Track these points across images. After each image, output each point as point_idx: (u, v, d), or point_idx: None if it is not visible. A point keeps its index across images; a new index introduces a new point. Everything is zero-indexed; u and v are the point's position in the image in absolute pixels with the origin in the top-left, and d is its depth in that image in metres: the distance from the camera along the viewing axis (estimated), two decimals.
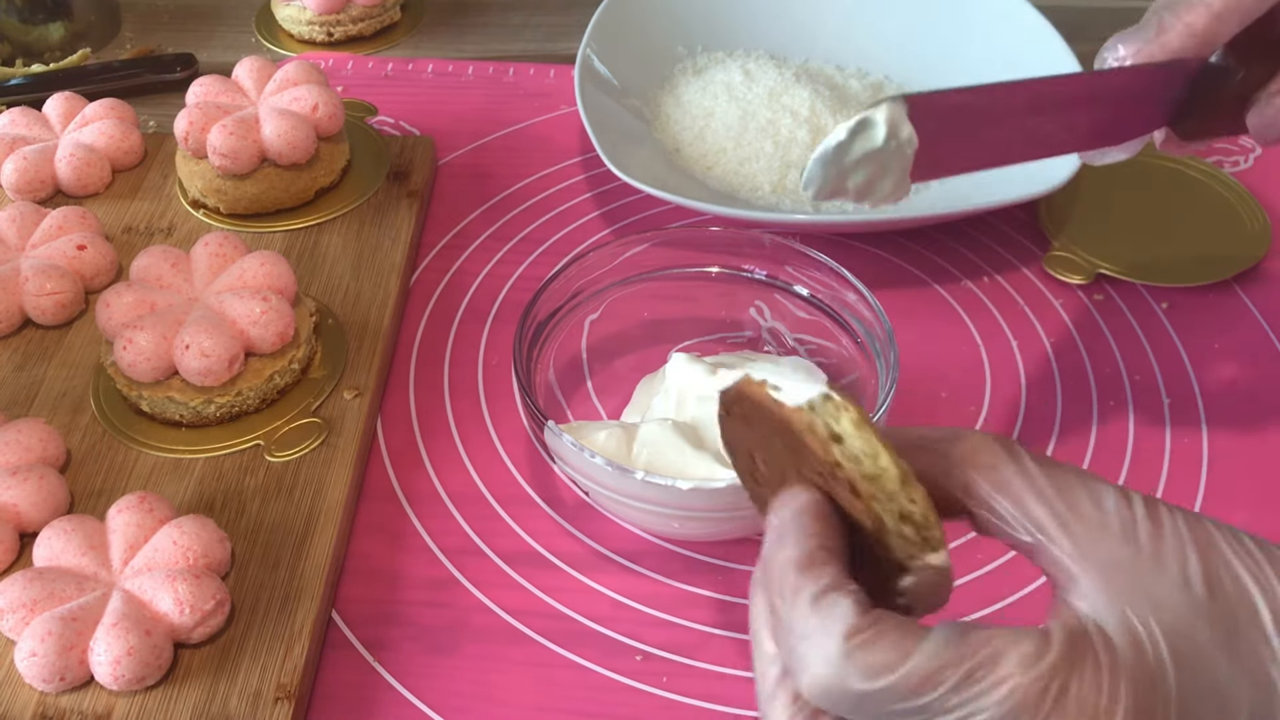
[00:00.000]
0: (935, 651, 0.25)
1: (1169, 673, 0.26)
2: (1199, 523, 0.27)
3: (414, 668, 0.42)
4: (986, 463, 0.28)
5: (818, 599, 0.26)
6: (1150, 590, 0.26)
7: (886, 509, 0.27)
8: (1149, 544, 0.27)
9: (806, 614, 0.26)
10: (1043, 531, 0.27)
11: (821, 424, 0.27)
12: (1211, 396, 0.52)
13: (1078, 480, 0.28)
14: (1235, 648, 0.26)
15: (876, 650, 0.25)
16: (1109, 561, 0.27)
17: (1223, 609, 0.26)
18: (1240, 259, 0.57)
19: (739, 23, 0.70)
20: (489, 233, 0.61)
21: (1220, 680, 0.26)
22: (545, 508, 0.47)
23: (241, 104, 0.60)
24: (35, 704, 0.39)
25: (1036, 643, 0.25)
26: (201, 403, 0.48)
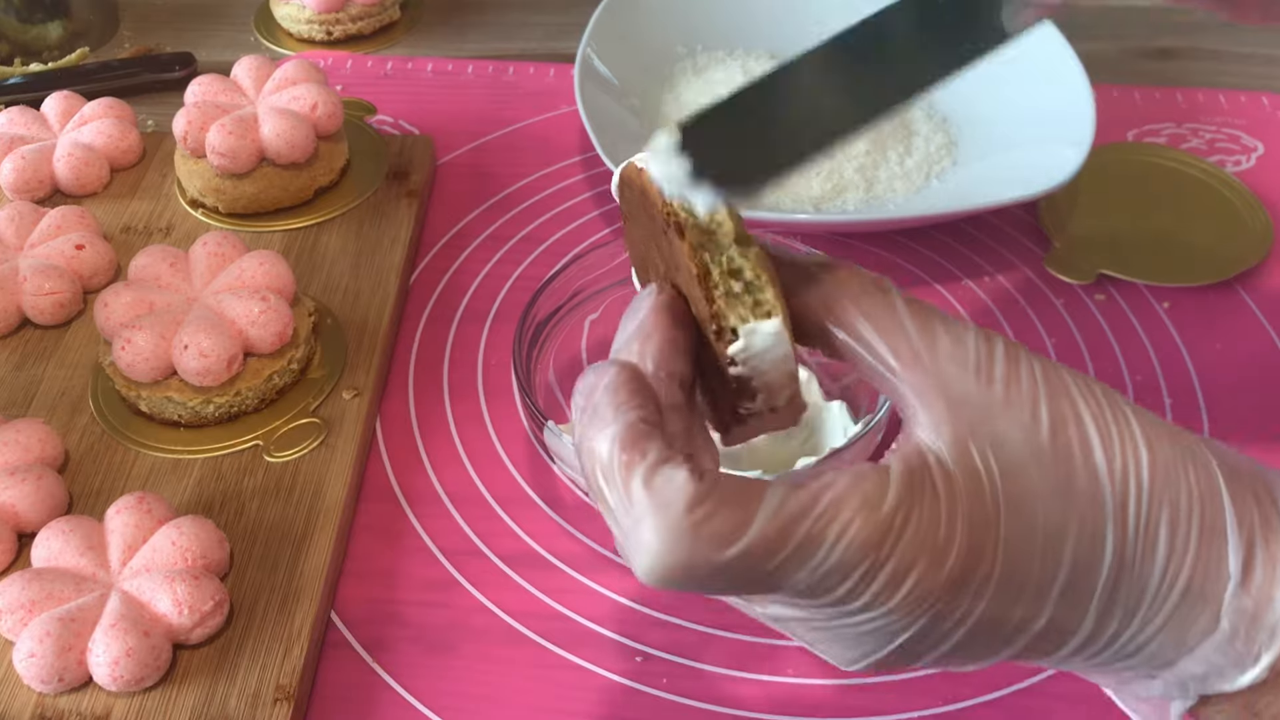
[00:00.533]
0: (778, 507, 0.25)
1: (1001, 510, 0.26)
2: (1055, 370, 0.27)
3: (413, 668, 0.42)
4: (854, 290, 0.28)
5: (649, 476, 0.25)
6: (995, 426, 0.26)
7: (716, 261, 0.26)
8: (1001, 382, 0.27)
9: (640, 495, 0.25)
10: (898, 358, 0.27)
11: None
12: (1213, 396, 0.52)
13: (940, 319, 0.28)
14: (1069, 493, 0.26)
15: (718, 519, 0.24)
16: (958, 395, 0.26)
17: (1063, 453, 0.26)
18: (1242, 259, 0.57)
19: (739, 22, 0.70)
20: (488, 232, 0.61)
21: (1049, 523, 0.26)
22: (545, 508, 0.47)
23: (240, 103, 0.60)
24: (34, 705, 0.39)
25: (877, 481, 0.25)
26: (200, 403, 0.47)
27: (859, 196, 0.60)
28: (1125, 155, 0.64)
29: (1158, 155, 0.64)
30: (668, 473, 0.25)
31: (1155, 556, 0.26)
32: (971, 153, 0.63)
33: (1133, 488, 0.26)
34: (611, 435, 0.26)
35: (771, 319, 0.26)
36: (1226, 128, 0.67)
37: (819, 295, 0.28)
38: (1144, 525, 0.26)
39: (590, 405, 0.27)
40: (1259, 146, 0.66)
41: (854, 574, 0.25)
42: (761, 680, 0.41)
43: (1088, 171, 0.56)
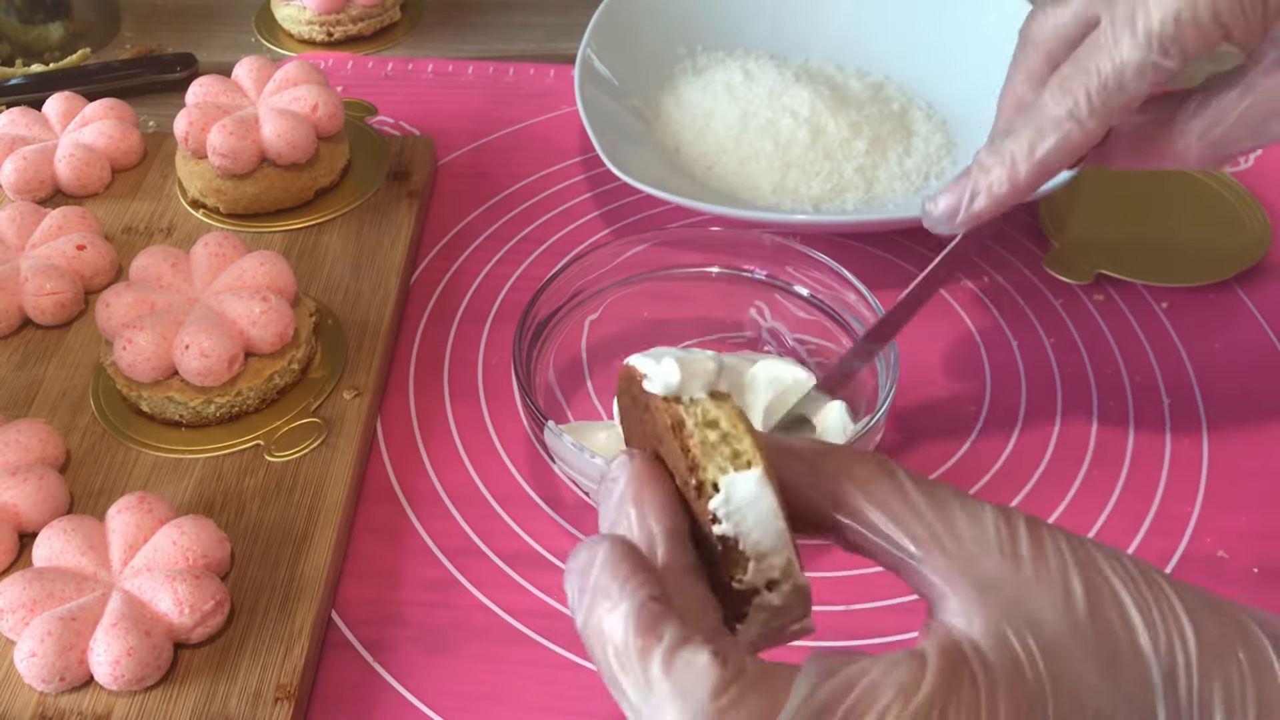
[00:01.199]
0: (808, 695, 0.23)
1: (1047, 692, 0.24)
2: (1081, 544, 0.26)
3: (414, 668, 0.42)
4: (861, 475, 0.27)
5: (668, 661, 0.24)
6: (1029, 608, 0.25)
7: (690, 412, 0.26)
8: (1029, 562, 0.25)
9: (660, 682, 0.23)
10: (918, 545, 0.26)
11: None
12: (1212, 396, 0.52)
13: (955, 498, 0.26)
14: (1116, 672, 0.25)
15: (746, 707, 0.23)
16: (985, 579, 0.25)
17: (1104, 632, 0.25)
18: (1240, 259, 0.57)
19: (739, 22, 0.70)
20: (489, 233, 0.61)
21: (1099, 703, 0.25)
22: (545, 508, 0.47)
23: (241, 104, 0.60)
24: (35, 704, 0.39)
25: (912, 670, 0.24)
26: (201, 403, 0.48)
27: (859, 196, 0.60)
28: None
29: None
30: (688, 656, 0.23)
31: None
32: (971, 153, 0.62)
33: (1181, 665, 0.25)
34: (624, 615, 0.24)
35: (752, 469, 0.25)
36: None
37: (823, 487, 0.27)
38: (1196, 704, 0.25)
39: (590, 585, 0.25)
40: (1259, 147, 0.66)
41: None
42: None
43: (1086, 171, 0.56)
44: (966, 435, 0.50)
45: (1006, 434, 0.50)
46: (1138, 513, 0.47)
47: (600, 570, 0.25)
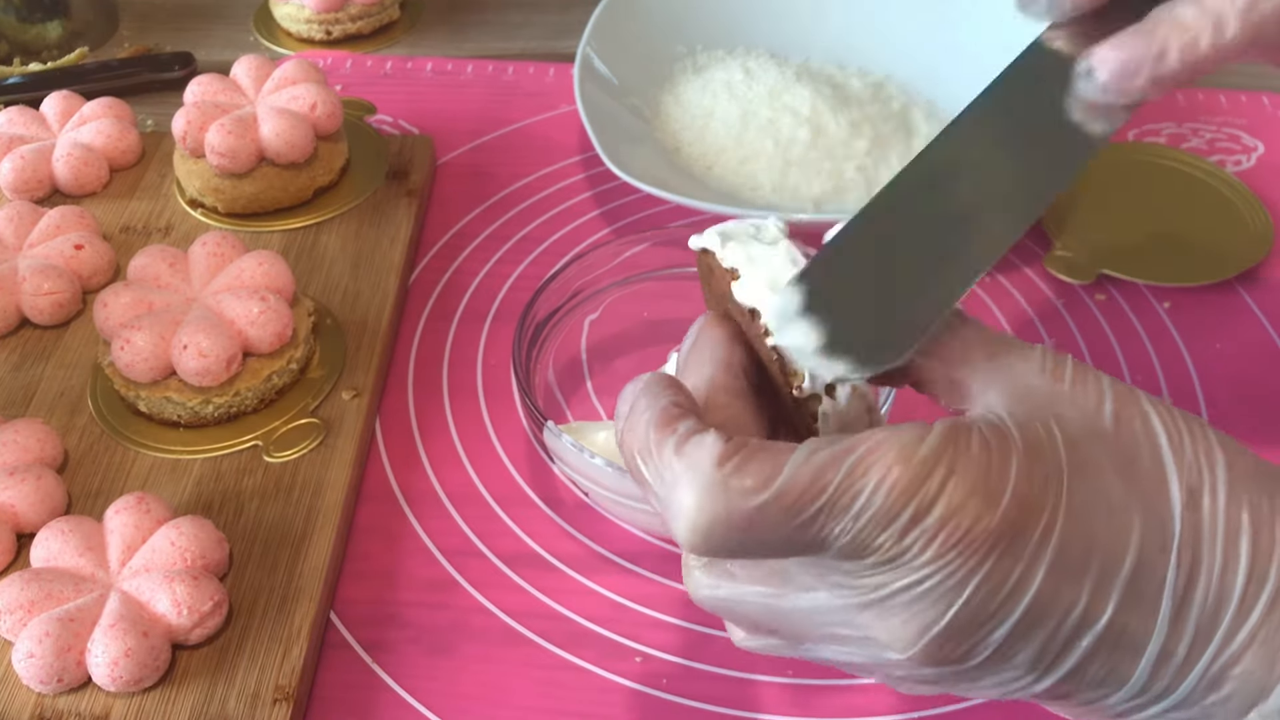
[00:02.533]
0: (808, 458, 0.25)
1: (1064, 469, 0.25)
2: (1128, 387, 0.27)
3: (413, 669, 0.42)
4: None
5: (680, 445, 0.26)
6: (1058, 409, 0.26)
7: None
8: (1069, 381, 0.27)
9: (672, 461, 0.25)
10: (967, 359, 0.27)
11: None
12: (1214, 396, 0.52)
13: (1011, 339, 0.28)
14: (1133, 474, 0.25)
15: (748, 470, 0.25)
16: (1021, 385, 0.27)
17: (1126, 441, 0.26)
18: (1242, 258, 0.57)
19: (739, 21, 0.70)
20: (488, 232, 0.61)
21: (1111, 493, 0.25)
22: (545, 508, 0.47)
23: (240, 103, 0.59)
24: (33, 705, 0.39)
25: (914, 433, 0.25)
26: (199, 403, 0.47)
27: (859, 196, 0.60)
28: (1125, 155, 0.64)
29: (1158, 155, 0.64)
30: (698, 439, 0.25)
31: (1238, 560, 0.25)
32: None
33: (1206, 482, 0.25)
34: (647, 419, 0.27)
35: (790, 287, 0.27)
36: (1227, 127, 0.67)
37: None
38: (1221, 523, 0.25)
39: (628, 408, 0.28)
40: (1259, 146, 0.66)
41: (898, 521, 0.24)
42: (761, 681, 0.41)
43: (1088, 171, 0.56)
44: None
45: None
46: None
47: (638, 393, 0.28)
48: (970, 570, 0.24)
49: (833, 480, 0.24)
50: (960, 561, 0.24)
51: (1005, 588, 0.24)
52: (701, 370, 0.29)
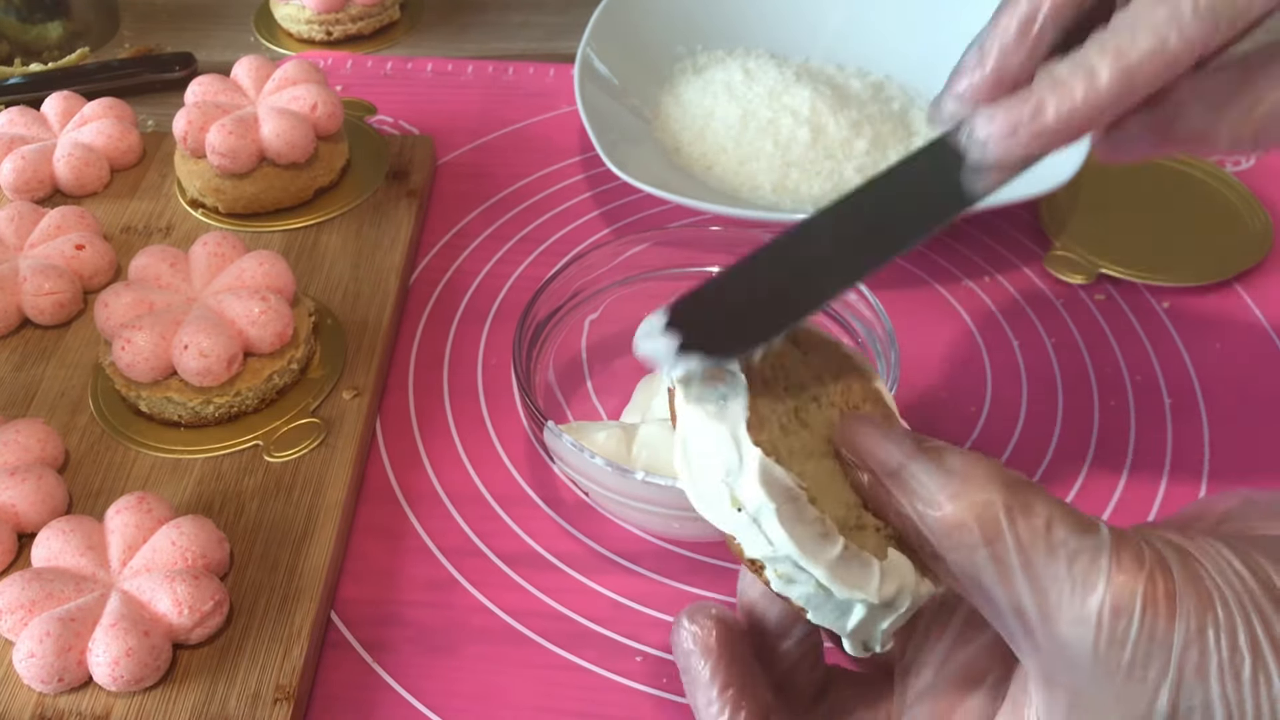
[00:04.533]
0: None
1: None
2: (1199, 624, 0.24)
3: (413, 668, 0.42)
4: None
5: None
6: (1099, 709, 0.25)
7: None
8: (1123, 670, 0.24)
9: None
10: (1016, 616, 0.25)
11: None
12: (1213, 396, 0.52)
13: (1067, 552, 0.25)
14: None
15: None
16: (1064, 674, 0.25)
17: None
18: (1242, 258, 0.57)
19: (739, 22, 0.70)
20: (488, 232, 0.61)
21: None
22: (545, 508, 0.47)
23: (240, 103, 0.60)
24: (34, 705, 0.39)
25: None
26: (200, 403, 0.47)
27: None
28: None
29: None
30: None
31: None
32: None
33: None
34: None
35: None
36: None
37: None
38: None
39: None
40: None
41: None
42: None
43: (1088, 171, 0.56)
44: (967, 435, 0.50)
45: (1007, 434, 0.50)
46: (1139, 513, 0.47)
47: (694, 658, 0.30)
48: None
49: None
50: None
51: None
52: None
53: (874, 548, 0.28)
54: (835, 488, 0.28)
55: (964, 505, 0.25)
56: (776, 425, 0.29)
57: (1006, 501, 0.25)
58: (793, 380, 0.30)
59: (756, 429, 0.28)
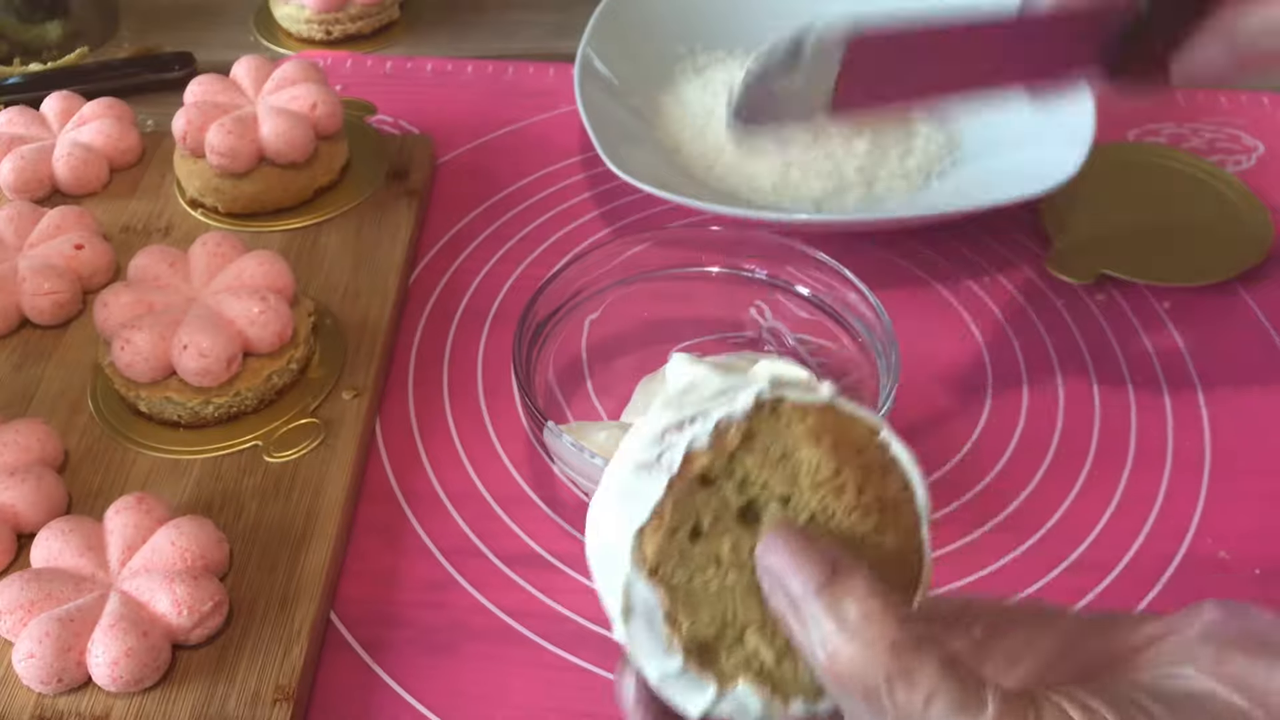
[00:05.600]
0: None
1: None
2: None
3: (413, 669, 0.42)
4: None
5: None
6: None
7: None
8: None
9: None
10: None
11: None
12: (1214, 397, 0.52)
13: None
14: None
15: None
16: None
17: None
18: (1242, 259, 0.57)
19: (739, 21, 0.70)
20: (488, 232, 0.61)
21: None
22: (545, 508, 0.47)
23: (240, 103, 0.59)
24: (33, 705, 0.39)
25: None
26: (199, 403, 0.47)
27: (859, 196, 0.60)
28: (1125, 155, 0.64)
29: (1158, 155, 0.64)
30: None
31: None
32: (972, 152, 0.63)
33: None
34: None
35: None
36: (1227, 127, 0.67)
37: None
38: None
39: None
40: (1259, 146, 0.66)
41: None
42: None
43: (1088, 171, 0.56)
44: (968, 435, 0.50)
45: (1008, 434, 0.50)
46: (1140, 513, 0.47)
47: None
48: None
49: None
50: None
51: None
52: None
53: (732, 669, 0.27)
54: (726, 603, 0.28)
55: (848, 661, 0.25)
56: (688, 529, 0.27)
57: (889, 668, 0.25)
58: (763, 479, 0.28)
59: (650, 536, 0.27)
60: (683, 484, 0.28)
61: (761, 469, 0.28)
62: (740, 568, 0.28)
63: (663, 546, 0.27)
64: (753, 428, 0.29)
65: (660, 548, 0.27)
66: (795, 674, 0.27)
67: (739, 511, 0.28)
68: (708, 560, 0.28)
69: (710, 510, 0.28)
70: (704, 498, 0.28)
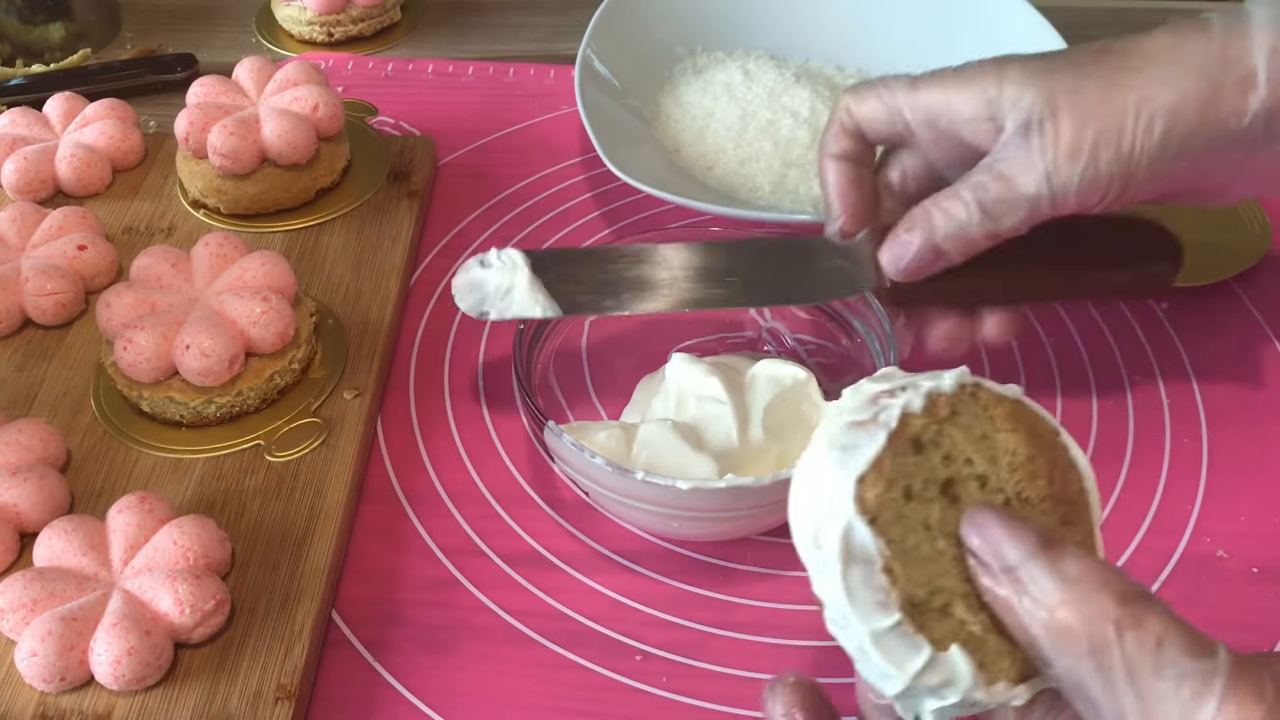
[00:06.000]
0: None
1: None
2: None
3: (414, 668, 0.42)
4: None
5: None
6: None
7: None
8: None
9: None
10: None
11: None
12: (1211, 397, 0.52)
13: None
14: None
15: None
16: None
17: None
18: (1240, 259, 0.57)
19: (739, 23, 0.70)
20: (489, 233, 0.61)
21: None
22: (545, 508, 0.47)
23: (242, 104, 0.60)
24: (35, 704, 0.39)
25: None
26: (202, 403, 0.48)
27: None
28: None
29: None
30: None
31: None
32: None
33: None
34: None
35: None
36: None
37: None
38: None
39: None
40: None
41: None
42: (762, 679, 0.41)
43: None
44: None
45: None
46: (1138, 512, 0.47)
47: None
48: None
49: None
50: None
51: None
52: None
53: (940, 637, 0.27)
54: (936, 569, 0.28)
55: (1074, 613, 0.25)
56: (901, 489, 0.28)
57: (1118, 614, 0.25)
58: (967, 453, 0.29)
59: (871, 485, 0.28)
60: (899, 443, 0.28)
61: (966, 443, 0.29)
62: (948, 537, 0.28)
63: (882, 497, 0.28)
64: (957, 405, 0.29)
65: (880, 497, 0.28)
66: (1000, 653, 0.28)
67: (943, 485, 0.29)
68: (919, 522, 0.28)
69: (921, 475, 0.28)
70: (916, 462, 0.28)
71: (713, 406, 0.44)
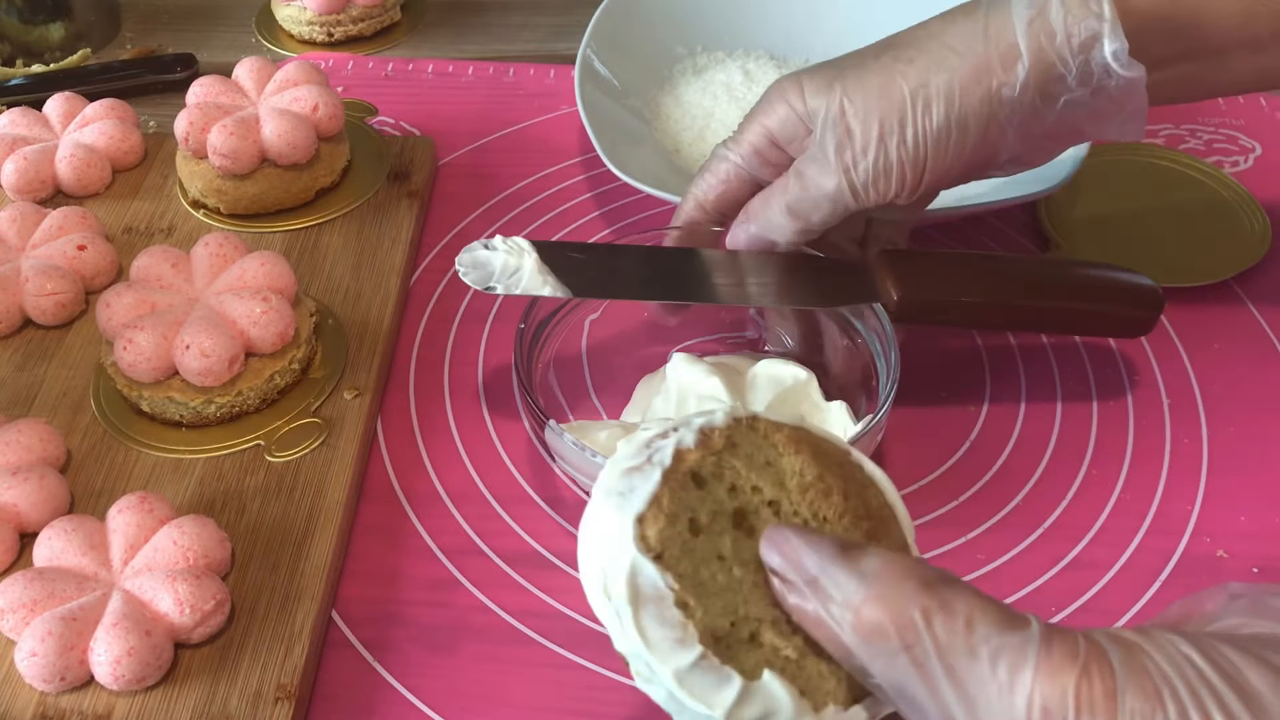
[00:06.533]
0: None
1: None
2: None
3: (414, 668, 0.42)
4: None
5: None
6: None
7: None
8: None
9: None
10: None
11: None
12: (1211, 397, 0.52)
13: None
14: None
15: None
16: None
17: None
18: (1240, 259, 0.57)
19: (739, 23, 0.70)
20: (489, 233, 0.61)
21: None
22: (545, 508, 0.47)
23: (242, 104, 0.60)
24: (35, 704, 0.39)
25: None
26: (202, 403, 0.48)
27: None
28: (1124, 155, 0.64)
29: (1156, 156, 0.64)
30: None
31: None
32: None
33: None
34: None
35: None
36: (1224, 128, 0.67)
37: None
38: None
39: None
40: (1256, 147, 0.66)
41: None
42: None
43: (1087, 171, 0.56)
44: (966, 435, 0.50)
45: (1006, 434, 0.50)
46: (1137, 512, 0.47)
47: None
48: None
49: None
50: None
51: None
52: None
53: (752, 666, 0.26)
54: (736, 597, 0.27)
55: (880, 608, 0.24)
56: (685, 523, 0.27)
57: (924, 601, 0.24)
58: (753, 481, 0.29)
59: (651, 522, 0.27)
60: (676, 478, 0.28)
61: (749, 471, 0.29)
62: (744, 565, 0.27)
63: (664, 533, 0.27)
64: (734, 436, 0.29)
65: (662, 533, 0.27)
66: (822, 676, 0.27)
67: (733, 516, 0.28)
68: (710, 554, 0.27)
69: (706, 508, 0.28)
70: (699, 495, 0.28)
71: (713, 406, 0.44)
